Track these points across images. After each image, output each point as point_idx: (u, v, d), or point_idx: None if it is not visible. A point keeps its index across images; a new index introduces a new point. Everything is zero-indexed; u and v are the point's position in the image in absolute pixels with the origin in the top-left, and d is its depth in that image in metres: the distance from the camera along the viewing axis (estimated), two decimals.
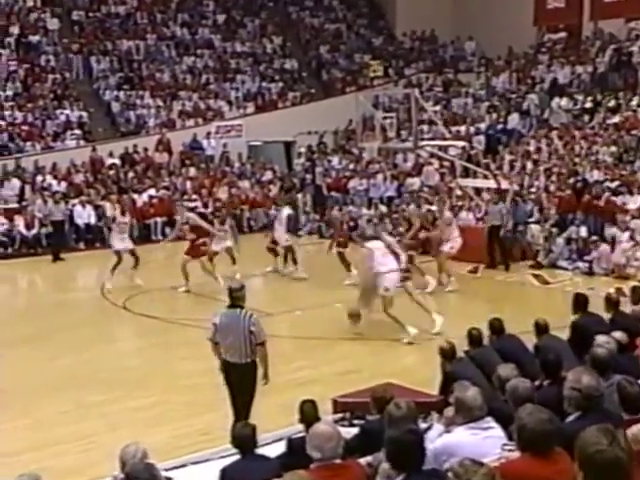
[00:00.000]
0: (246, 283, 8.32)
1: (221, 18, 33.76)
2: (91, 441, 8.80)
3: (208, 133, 28.16)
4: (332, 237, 18.26)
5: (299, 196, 26.49)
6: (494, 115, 27.78)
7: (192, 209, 20.50)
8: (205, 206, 25.23)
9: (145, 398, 9.97)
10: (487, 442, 5.10)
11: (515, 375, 6.14)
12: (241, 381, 8.30)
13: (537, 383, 6.62)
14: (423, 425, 6.04)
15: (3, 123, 26.02)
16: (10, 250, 21.92)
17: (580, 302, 9.46)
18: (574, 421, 5.04)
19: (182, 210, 18.09)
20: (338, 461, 4.96)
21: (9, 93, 27.04)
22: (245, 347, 8.18)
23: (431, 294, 15.45)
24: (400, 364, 11.41)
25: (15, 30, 28.85)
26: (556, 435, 4.29)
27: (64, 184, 24.64)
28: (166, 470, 6.61)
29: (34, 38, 29.00)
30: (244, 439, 5.92)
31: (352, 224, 19.02)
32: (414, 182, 24.58)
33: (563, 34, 31.73)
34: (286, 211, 18.28)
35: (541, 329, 8.60)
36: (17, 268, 20.34)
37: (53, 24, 29.78)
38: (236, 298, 8.33)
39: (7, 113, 26.34)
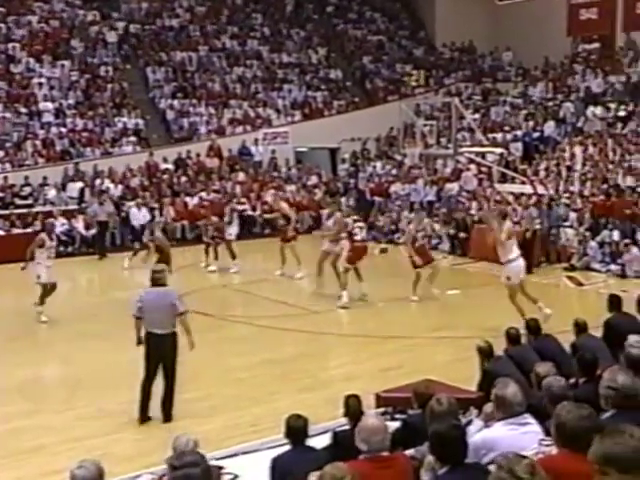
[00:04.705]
0: (293, 283, 8.36)
1: (268, 30, 33.92)
2: (146, 430, 8.92)
3: (256, 140, 28.21)
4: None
5: (343, 200, 26.51)
6: (531, 123, 27.49)
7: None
8: (253, 209, 25.38)
9: (197, 391, 10.03)
10: (525, 437, 5.06)
11: (552, 373, 6.10)
12: (165, 349, 9.07)
13: (572, 381, 6.57)
14: (463, 420, 6.02)
15: (65, 130, 26.45)
16: (70, 249, 22.23)
17: (614, 302, 9.46)
18: (609, 417, 4.99)
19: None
20: (385, 453, 4.97)
21: (71, 102, 27.42)
22: (168, 319, 9.06)
23: None
24: (437, 361, 11.31)
25: (77, 43, 29.32)
26: (595, 431, 4.26)
27: (120, 187, 24.96)
28: (217, 459, 6.69)
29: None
30: (297, 430, 5.91)
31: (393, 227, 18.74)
32: (453, 187, 24.48)
33: (597, 45, 31.35)
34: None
35: (580, 328, 8.58)
36: (76, 266, 20.53)
37: (112, 37, 30.17)
38: (157, 278, 9.27)
39: (69, 120, 26.75)
